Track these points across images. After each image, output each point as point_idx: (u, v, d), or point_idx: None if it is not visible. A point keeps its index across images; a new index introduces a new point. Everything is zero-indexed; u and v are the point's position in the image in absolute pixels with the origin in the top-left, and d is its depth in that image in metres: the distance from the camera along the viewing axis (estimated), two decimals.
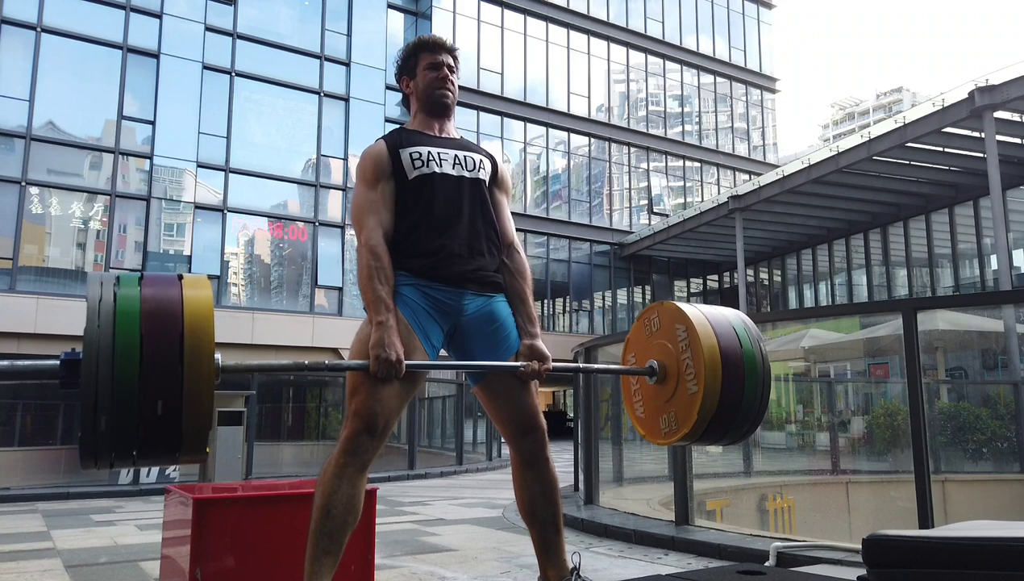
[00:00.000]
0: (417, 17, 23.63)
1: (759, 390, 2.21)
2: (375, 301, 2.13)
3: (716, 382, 2.12)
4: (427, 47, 2.47)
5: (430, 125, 2.44)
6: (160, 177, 18.30)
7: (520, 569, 4.00)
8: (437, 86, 2.42)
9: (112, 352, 1.48)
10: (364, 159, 2.34)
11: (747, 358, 2.19)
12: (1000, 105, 14.11)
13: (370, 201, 2.28)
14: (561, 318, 25.73)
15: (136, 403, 1.48)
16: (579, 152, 26.28)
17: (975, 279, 19.42)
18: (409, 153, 2.31)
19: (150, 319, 1.53)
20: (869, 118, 78.75)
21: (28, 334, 15.74)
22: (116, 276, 1.61)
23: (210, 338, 1.57)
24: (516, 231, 2.53)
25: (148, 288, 1.59)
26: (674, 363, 2.23)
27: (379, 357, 2.02)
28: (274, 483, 5.01)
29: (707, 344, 2.14)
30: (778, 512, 7.46)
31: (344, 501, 2.07)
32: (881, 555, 1.67)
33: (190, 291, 1.61)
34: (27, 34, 17.03)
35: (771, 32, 31.33)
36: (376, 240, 2.23)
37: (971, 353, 13.64)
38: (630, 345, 2.44)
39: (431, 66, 2.43)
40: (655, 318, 2.35)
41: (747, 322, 2.31)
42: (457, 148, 2.41)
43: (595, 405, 6.98)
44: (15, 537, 5.77)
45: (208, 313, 1.60)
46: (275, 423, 18.74)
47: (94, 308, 1.52)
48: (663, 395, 2.27)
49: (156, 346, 1.52)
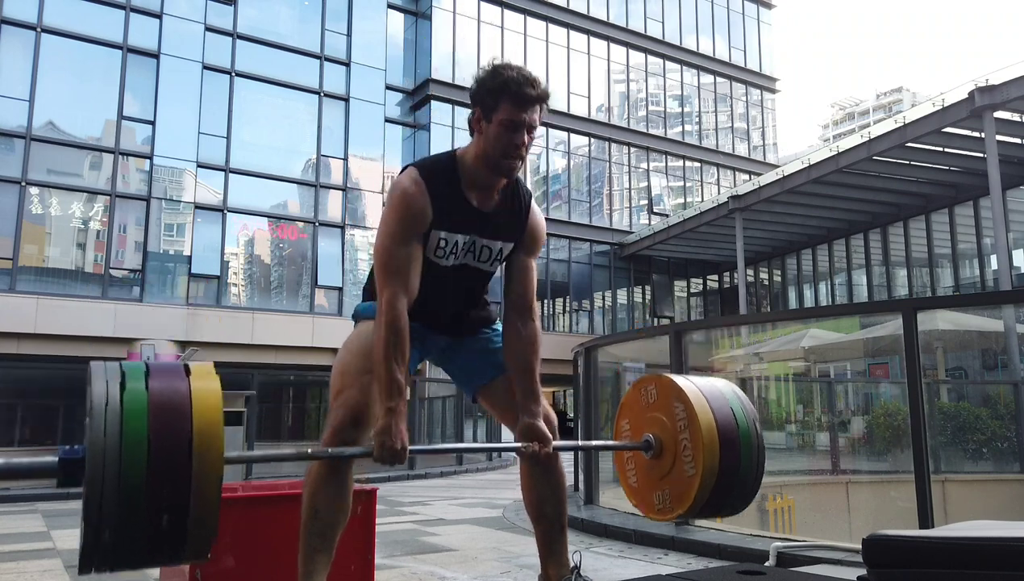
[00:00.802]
0: (417, 17, 23.63)
1: (754, 468, 2.23)
2: (388, 383, 2.00)
3: (714, 465, 2.14)
4: (513, 95, 2.07)
5: (481, 184, 2.16)
6: (160, 177, 18.30)
7: (520, 569, 4.00)
8: (508, 153, 2.09)
9: (119, 466, 1.43)
10: (403, 206, 2.09)
11: (743, 436, 2.21)
12: (1000, 105, 14.11)
13: (400, 261, 2.08)
14: (561, 318, 25.73)
15: (143, 517, 1.45)
16: (579, 152, 26.28)
17: (975, 279, 19.42)
18: (438, 239, 2.14)
19: (159, 424, 1.48)
20: (869, 118, 78.74)
21: (28, 334, 15.74)
22: (120, 370, 1.54)
23: (219, 439, 1.52)
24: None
25: (155, 383, 1.53)
26: (671, 440, 2.23)
27: (384, 444, 1.95)
28: (274, 483, 4.99)
29: (706, 426, 2.15)
30: (778, 512, 7.45)
31: (330, 501, 2.06)
32: (881, 555, 1.67)
33: (198, 384, 1.56)
34: (27, 34, 17.02)
35: (771, 32, 31.33)
36: (398, 311, 2.04)
37: (971, 353, 13.64)
38: (624, 411, 2.45)
39: (510, 125, 2.08)
40: (652, 389, 2.35)
41: (740, 396, 2.33)
42: (486, 233, 2.19)
43: (595, 405, 6.99)
44: (15, 537, 5.77)
45: (217, 411, 1.54)
46: (275, 423, 18.76)
47: (100, 412, 1.46)
48: (658, 470, 2.28)
49: (165, 455, 1.46)
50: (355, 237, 20.72)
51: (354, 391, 2.06)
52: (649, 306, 27.26)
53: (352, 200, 20.78)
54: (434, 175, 2.13)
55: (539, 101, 2.10)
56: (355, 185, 20.88)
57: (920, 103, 17.74)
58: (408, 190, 2.09)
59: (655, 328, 20.65)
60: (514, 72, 2.10)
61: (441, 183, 2.12)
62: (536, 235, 2.31)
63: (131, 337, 16.59)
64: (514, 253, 2.29)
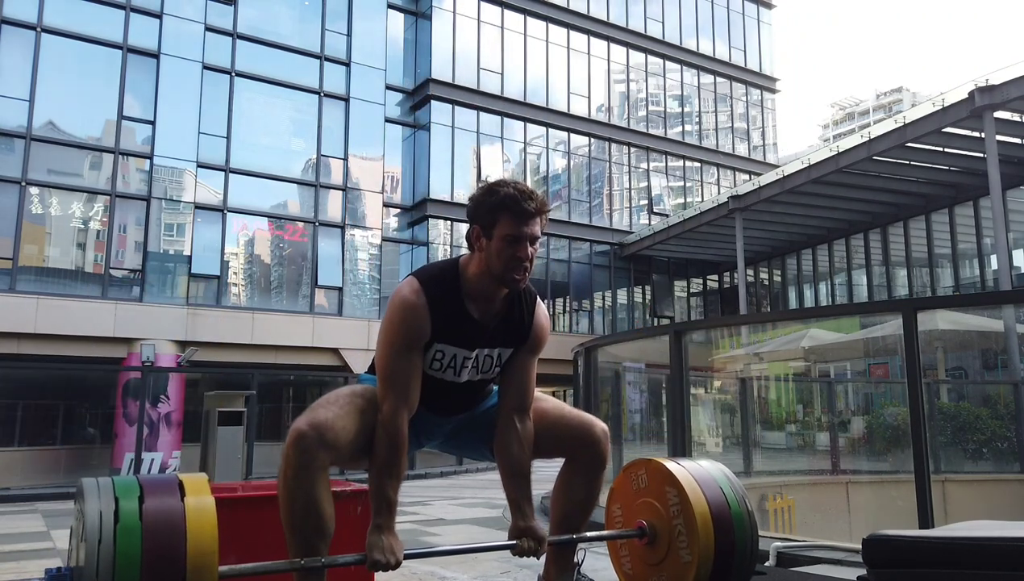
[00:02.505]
0: (417, 17, 23.63)
1: (749, 546, 2.24)
2: (380, 501, 1.99)
3: (709, 549, 2.15)
4: (512, 212, 2.03)
5: (484, 295, 2.12)
6: (160, 177, 18.30)
7: (520, 569, 3.99)
8: (512, 269, 2.05)
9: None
10: (404, 319, 2.04)
11: (736, 517, 2.23)
12: (1000, 105, 14.10)
13: (402, 374, 2.04)
14: (561, 318, 25.72)
15: None
16: (579, 152, 26.28)
17: (975, 279, 19.42)
18: (435, 352, 2.11)
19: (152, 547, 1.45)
20: (869, 118, 78.74)
21: (28, 334, 15.73)
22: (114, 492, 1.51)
23: (214, 558, 1.51)
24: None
25: (149, 506, 1.49)
26: (665, 526, 2.23)
27: (377, 561, 1.94)
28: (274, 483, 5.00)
29: (699, 511, 2.16)
30: (778, 512, 7.45)
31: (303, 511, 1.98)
32: (881, 555, 1.67)
33: (192, 502, 1.54)
34: (27, 34, 17.02)
35: (771, 32, 31.33)
36: (397, 426, 2.01)
37: (971, 353, 13.64)
38: (615, 496, 2.45)
39: (512, 239, 2.03)
40: (642, 475, 2.35)
41: (730, 477, 2.35)
42: (486, 343, 2.15)
43: (595, 405, 6.98)
44: (15, 537, 5.77)
45: (212, 529, 1.52)
46: (275, 423, 18.74)
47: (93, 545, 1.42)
48: (653, 556, 2.28)
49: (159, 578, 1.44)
50: (355, 237, 20.72)
51: (327, 409, 2.01)
52: (649, 306, 27.26)
53: (352, 200, 20.78)
54: (435, 287, 2.08)
55: (539, 214, 2.07)
56: (355, 185, 20.88)
57: (920, 103, 17.74)
58: (408, 302, 2.05)
59: (655, 328, 20.65)
60: (510, 188, 2.06)
61: (441, 294, 2.08)
62: (539, 338, 2.25)
63: (131, 337, 16.60)
64: (514, 353, 2.23)
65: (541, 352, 2.28)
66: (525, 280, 2.10)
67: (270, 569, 1.93)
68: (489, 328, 2.14)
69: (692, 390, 6.53)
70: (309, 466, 1.92)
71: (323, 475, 1.95)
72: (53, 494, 8.93)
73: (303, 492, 1.92)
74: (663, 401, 7.64)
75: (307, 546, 1.95)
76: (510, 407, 2.20)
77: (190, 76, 18.62)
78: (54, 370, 15.61)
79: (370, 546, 1.95)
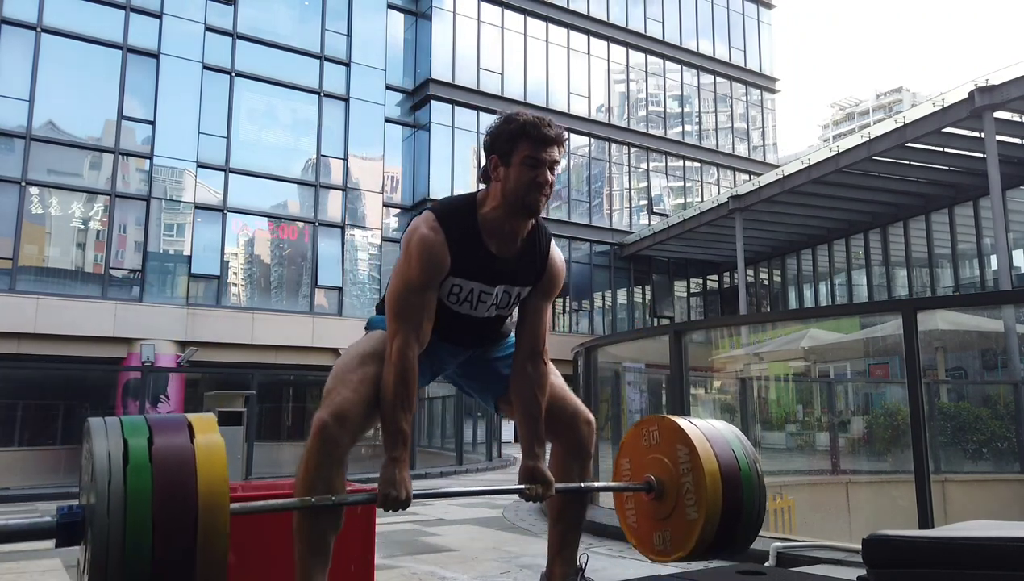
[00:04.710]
0: (417, 17, 23.63)
1: (756, 510, 2.23)
2: (394, 433, 2.00)
3: (717, 509, 2.14)
4: (532, 137, 2.09)
5: (502, 228, 2.11)
6: (160, 177, 18.30)
7: (520, 569, 4.00)
8: (532, 190, 2.06)
9: (123, 529, 1.40)
10: (421, 255, 2.03)
11: (745, 479, 2.21)
12: (1000, 105, 14.10)
13: (414, 308, 2.04)
14: (561, 318, 25.73)
15: (148, 577, 1.41)
16: (579, 152, 26.28)
17: (975, 279, 19.42)
18: (452, 285, 2.11)
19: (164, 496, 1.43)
20: (869, 118, 78.75)
21: (28, 334, 15.74)
22: (122, 432, 1.50)
23: (225, 497, 1.48)
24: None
25: (159, 443, 1.48)
26: (673, 483, 2.22)
27: (389, 495, 1.95)
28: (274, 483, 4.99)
29: (709, 470, 2.14)
30: (778, 512, 7.46)
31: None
32: (881, 555, 1.67)
33: (202, 440, 1.52)
34: (27, 34, 17.02)
35: (771, 32, 31.34)
36: (409, 361, 2.01)
37: (971, 353, 13.65)
38: (625, 450, 2.44)
39: (533, 162, 2.07)
40: (654, 431, 2.34)
41: (742, 438, 2.33)
42: (505, 279, 2.16)
43: (595, 406, 6.98)
44: None
45: (222, 467, 1.50)
46: (275, 423, 18.77)
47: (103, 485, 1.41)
48: (659, 512, 2.27)
49: (170, 515, 1.42)
50: (355, 237, 20.72)
51: (344, 390, 2.03)
52: (649, 306, 27.27)
53: (352, 200, 20.78)
54: (452, 221, 2.09)
55: (558, 142, 2.13)
56: (355, 185, 20.88)
57: (920, 103, 17.74)
58: (426, 238, 2.04)
59: (655, 328, 20.65)
60: (530, 116, 2.12)
61: (460, 229, 2.08)
62: (554, 279, 2.27)
63: (131, 337, 16.61)
64: (529, 295, 2.25)
65: (556, 295, 2.30)
66: (544, 204, 2.11)
67: (281, 507, 1.99)
68: (507, 264, 2.16)
69: (692, 390, 6.53)
70: (332, 453, 1.97)
71: (342, 465, 2.02)
72: (53, 494, 8.92)
73: (323, 481, 1.96)
74: (663, 401, 7.65)
75: (321, 533, 2.01)
76: (524, 351, 2.23)
77: (190, 76, 18.63)
78: (54, 370, 15.60)
79: (383, 480, 1.97)
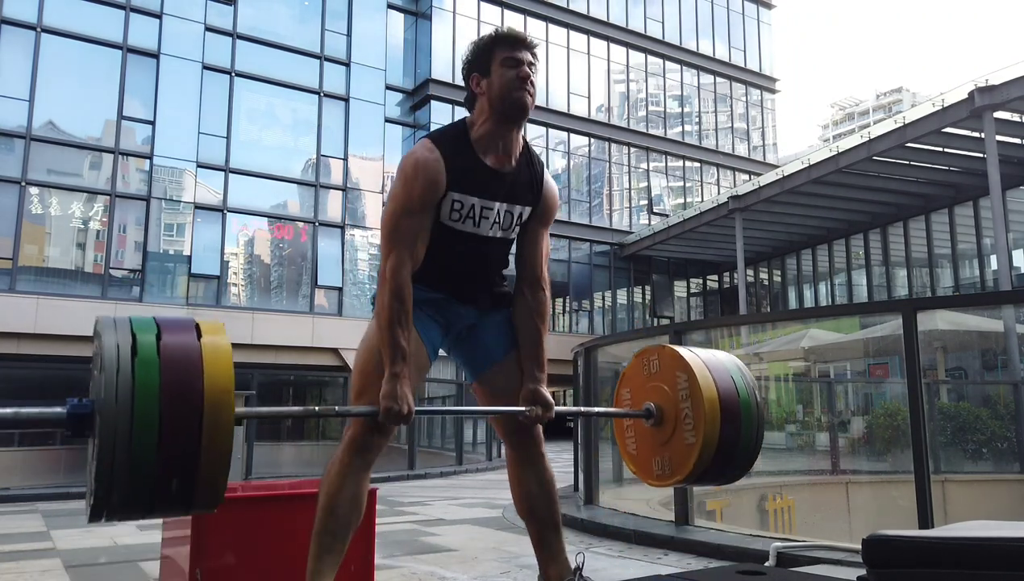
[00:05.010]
0: (417, 17, 23.63)
1: (754, 438, 2.25)
2: (393, 349, 2.04)
3: (714, 434, 2.15)
4: (505, 41, 2.18)
5: (496, 142, 2.17)
6: (160, 177, 18.30)
7: (520, 569, 4.00)
8: (516, 86, 2.13)
9: (130, 432, 1.41)
10: (417, 177, 2.08)
11: (744, 407, 2.22)
12: (1000, 105, 14.10)
13: (408, 230, 2.09)
14: (561, 318, 25.73)
15: (153, 469, 1.43)
16: (579, 152, 26.28)
17: (975, 279, 19.42)
18: (452, 201, 2.13)
19: (170, 388, 1.45)
20: (869, 118, 78.74)
21: (28, 334, 15.74)
22: (131, 328, 1.52)
23: (230, 400, 1.50)
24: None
25: (167, 340, 1.51)
26: (672, 408, 2.24)
27: (390, 409, 1.98)
28: (274, 483, 5.00)
29: (708, 395, 2.16)
30: (778, 512, 7.46)
31: (348, 500, 2.08)
32: (881, 555, 1.67)
33: (209, 341, 1.54)
34: (27, 34, 17.02)
35: (771, 32, 31.34)
36: (403, 278, 2.07)
37: (971, 353, 13.64)
38: (625, 381, 2.45)
39: (510, 62, 2.15)
40: (655, 360, 2.35)
41: (743, 369, 2.34)
42: (505, 197, 2.20)
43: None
44: (15, 537, 5.77)
45: (228, 367, 1.52)
46: (275, 423, 18.73)
47: (111, 374, 1.43)
48: (658, 438, 2.29)
49: (177, 418, 1.44)
50: (355, 237, 20.72)
51: (375, 395, 2.05)
52: (649, 306, 27.27)
53: (352, 200, 20.78)
54: (447, 141, 2.15)
55: (531, 45, 2.20)
56: (355, 185, 20.88)
57: (920, 103, 17.74)
58: (421, 158, 2.10)
59: (655, 328, 20.65)
60: (500, 28, 2.27)
61: (454, 147, 2.14)
62: (550, 203, 2.32)
63: None
64: (528, 221, 2.30)
65: (551, 223, 2.36)
66: (529, 103, 2.15)
67: (287, 414, 2.07)
68: (504, 179, 2.20)
69: None
70: (366, 458, 2.11)
71: (369, 472, 2.13)
72: (53, 494, 8.93)
73: (353, 483, 2.09)
74: None
75: (343, 528, 2.09)
76: (524, 278, 2.31)
77: (190, 76, 18.62)
78: (54, 370, 15.59)
79: (385, 395, 2.00)
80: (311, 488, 2.57)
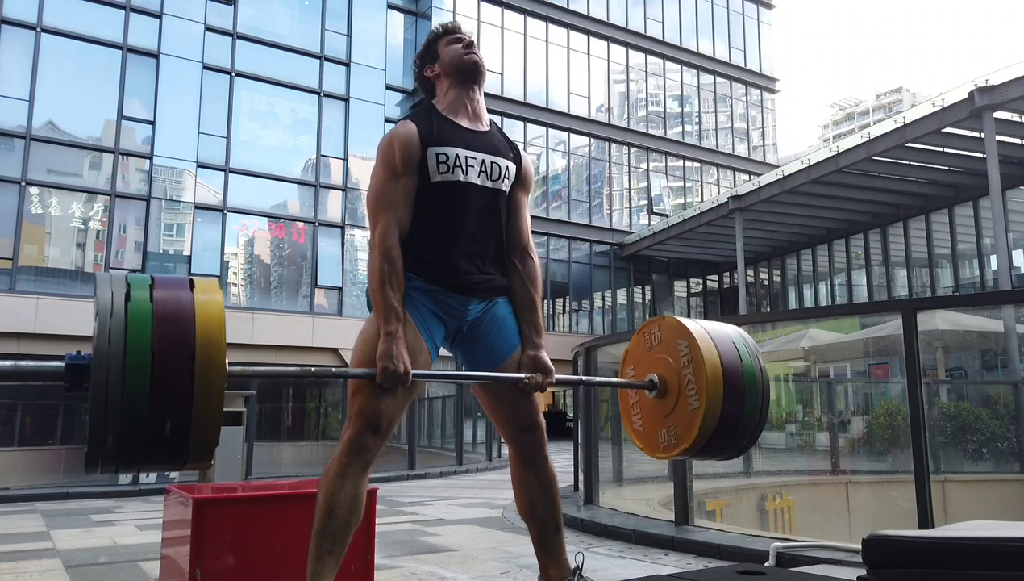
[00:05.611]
0: (417, 17, 23.64)
1: (759, 405, 2.23)
2: (386, 309, 2.11)
3: (718, 398, 2.13)
4: (444, 33, 2.50)
5: (462, 105, 2.35)
6: (160, 177, 18.31)
7: (520, 569, 3.99)
8: (463, 53, 2.40)
9: (123, 372, 1.45)
10: (392, 144, 2.23)
11: (747, 373, 2.21)
12: (1000, 105, 14.11)
13: (390, 195, 2.21)
14: (561, 318, 25.73)
15: (146, 423, 1.46)
16: (579, 152, 26.29)
17: (975, 279, 19.42)
18: (436, 154, 2.23)
19: (162, 332, 1.49)
20: (869, 118, 78.77)
21: (28, 334, 15.74)
22: (126, 280, 1.56)
23: (222, 350, 1.53)
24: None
25: (160, 293, 1.55)
26: (675, 378, 2.23)
27: (387, 369, 2.01)
28: (274, 483, 5.01)
29: (709, 360, 2.15)
30: (778, 512, 7.46)
31: (348, 501, 2.08)
32: (881, 555, 1.67)
33: (202, 297, 1.57)
34: (27, 34, 17.03)
35: (771, 32, 31.35)
36: (391, 242, 2.17)
37: (971, 353, 13.64)
38: (629, 357, 2.44)
39: (454, 40, 2.44)
40: (656, 332, 2.35)
41: (746, 338, 2.33)
42: (486, 150, 2.32)
43: (595, 405, 6.98)
44: (15, 537, 5.77)
45: (220, 321, 1.55)
46: (275, 423, 18.74)
47: (105, 319, 1.47)
48: (663, 409, 2.28)
49: (168, 362, 1.48)
50: (355, 237, 20.72)
51: (372, 397, 2.08)
52: (649, 306, 27.27)
53: (352, 200, 20.78)
54: (418, 115, 2.32)
55: (468, 33, 2.50)
56: (355, 185, 20.89)
57: (920, 103, 17.75)
58: (395, 131, 2.27)
59: None
60: (438, 25, 2.55)
61: (426, 119, 2.30)
62: (528, 170, 2.45)
63: None
64: (510, 190, 2.38)
65: (530, 192, 2.48)
66: (479, 60, 2.40)
67: (279, 374, 2.10)
68: (480, 136, 2.33)
69: None
70: (364, 457, 2.11)
71: (367, 473, 2.14)
72: (53, 494, 8.92)
73: (351, 484, 2.08)
74: None
75: (342, 529, 2.09)
76: (510, 248, 2.38)
77: (190, 76, 18.63)
78: None
79: (381, 355, 2.03)
80: (311, 488, 2.57)
